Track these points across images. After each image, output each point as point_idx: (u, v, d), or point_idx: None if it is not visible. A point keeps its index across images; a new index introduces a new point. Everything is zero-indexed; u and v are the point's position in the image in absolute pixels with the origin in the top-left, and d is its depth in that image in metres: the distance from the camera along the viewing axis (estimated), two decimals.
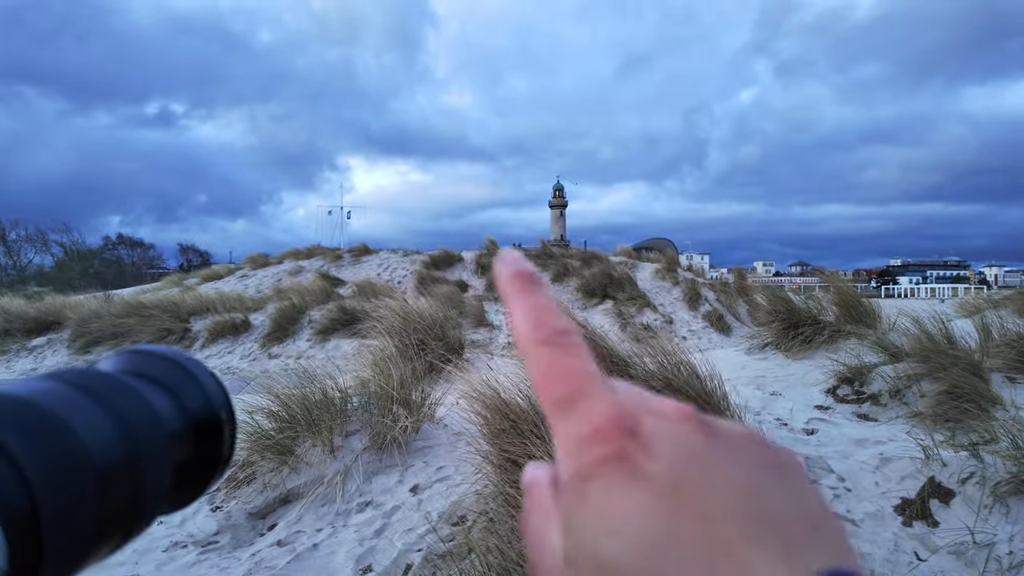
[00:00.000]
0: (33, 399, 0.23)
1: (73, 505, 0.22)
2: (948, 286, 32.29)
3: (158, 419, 0.28)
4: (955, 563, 2.21)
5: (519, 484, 1.85)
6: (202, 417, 0.30)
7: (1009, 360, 3.67)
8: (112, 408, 0.25)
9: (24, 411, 0.22)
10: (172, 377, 0.30)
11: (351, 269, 15.35)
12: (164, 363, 0.30)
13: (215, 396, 0.31)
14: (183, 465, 0.29)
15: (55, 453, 0.22)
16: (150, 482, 0.26)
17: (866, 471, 2.71)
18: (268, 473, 2.64)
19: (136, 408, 0.27)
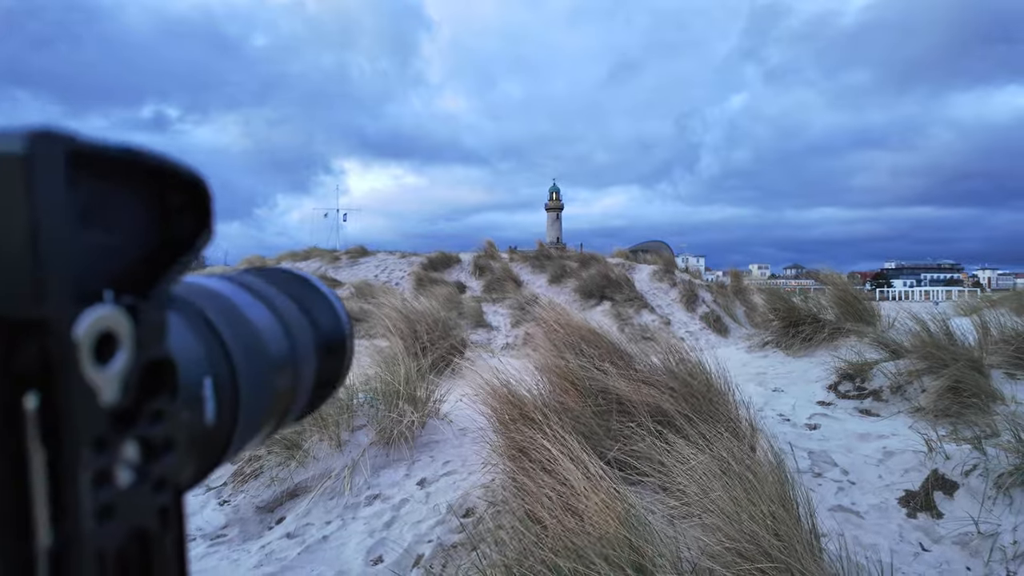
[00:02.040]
0: (222, 292, 0.25)
1: (257, 381, 0.25)
2: (942, 289, 32.45)
3: (304, 330, 0.30)
4: (960, 553, 2.23)
5: (529, 471, 1.86)
6: (331, 335, 0.32)
7: (1008, 356, 3.71)
8: (277, 312, 0.28)
9: (218, 300, 0.25)
10: (309, 297, 0.32)
11: (349, 271, 15.33)
12: (303, 284, 0.33)
13: (342, 319, 0.33)
14: (317, 375, 0.31)
15: (245, 337, 0.24)
16: (302, 379, 0.29)
17: (869, 464, 2.73)
18: (275, 467, 2.65)
19: (293, 317, 0.29)
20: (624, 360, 3.12)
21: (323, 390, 0.33)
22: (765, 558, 1.50)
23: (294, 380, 0.29)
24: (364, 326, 6.42)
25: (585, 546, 1.40)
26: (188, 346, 0.22)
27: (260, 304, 0.28)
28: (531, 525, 1.60)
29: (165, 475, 0.18)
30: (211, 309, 0.24)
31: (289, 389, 0.28)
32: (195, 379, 0.21)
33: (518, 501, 1.83)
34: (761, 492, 1.71)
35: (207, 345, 0.23)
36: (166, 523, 0.18)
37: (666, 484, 2.03)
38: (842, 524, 2.35)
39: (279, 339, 0.28)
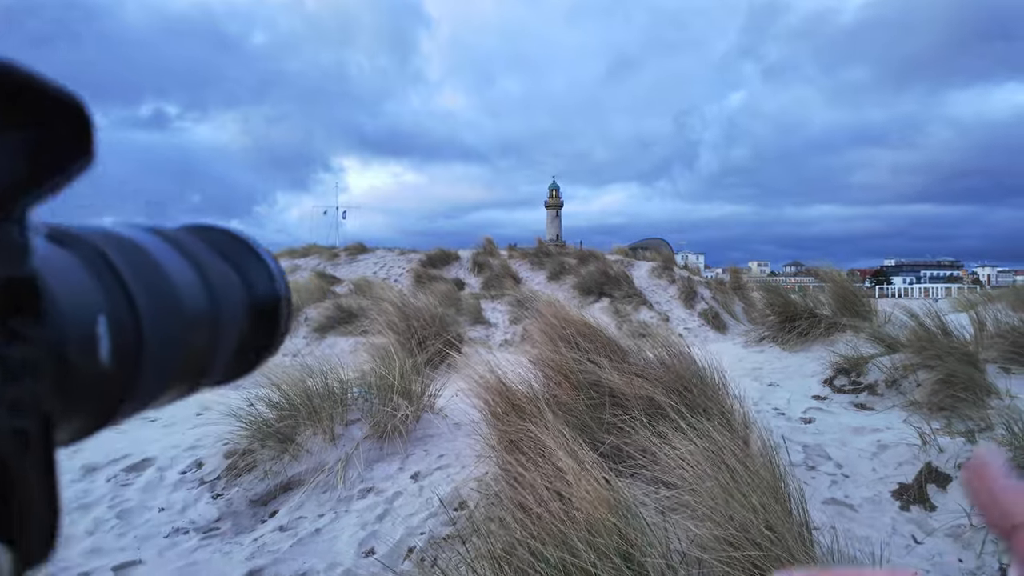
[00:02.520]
0: (136, 240, 0.25)
1: (167, 332, 0.24)
2: (942, 286, 32.46)
3: (233, 289, 0.29)
4: (952, 545, 2.23)
5: (521, 463, 1.86)
6: (264, 298, 0.31)
7: (1004, 351, 3.71)
8: (199, 268, 0.27)
9: (127, 245, 0.24)
10: (243, 257, 0.31)
11: (347, 268, 15.32)
12: (237, 243, 0.32)
13: (277, 280, 0.32)
14: (243, 337, 0.30)
15: (155, 286, 0.24)
16: (223, 340, 0.28)
17: (863, 458, 2.73)
18: (269, 461, 2.64)
19: (218, 274, 0.28)
20: (618, 354, 3.12)
21: (252, 355, 0.32)
22: (755, 548, 1.50)
23: (212, 338, 0.27)
24: (361, 322, 6.41)
25: (573, 535, 1.40)
26: (79, 281, 0.21)
27: (180, 256, 0.27)
28: (521, 515, 1.60)
29: (22, 398, 0.18)
30: (115, 252, 0.23)
31: (206, 347, 0.27)
32: (86, 315, 0.21)
33: (509, 492, 1.83)
34: (753, 484, 1.71)
35: (104, 285, 0.22)
36: (23, 449, 0.18)
37: (658, 476, 2.03)
38: (835, 517, 2.35)
39: (197, 294, 0.27)
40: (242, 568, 1.98)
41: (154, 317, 0.23)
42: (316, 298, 10.60)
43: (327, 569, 1.97)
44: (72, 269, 0.21)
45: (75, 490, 2.54)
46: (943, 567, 2.15)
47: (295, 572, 1.96)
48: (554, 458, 1.75)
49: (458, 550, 1.70)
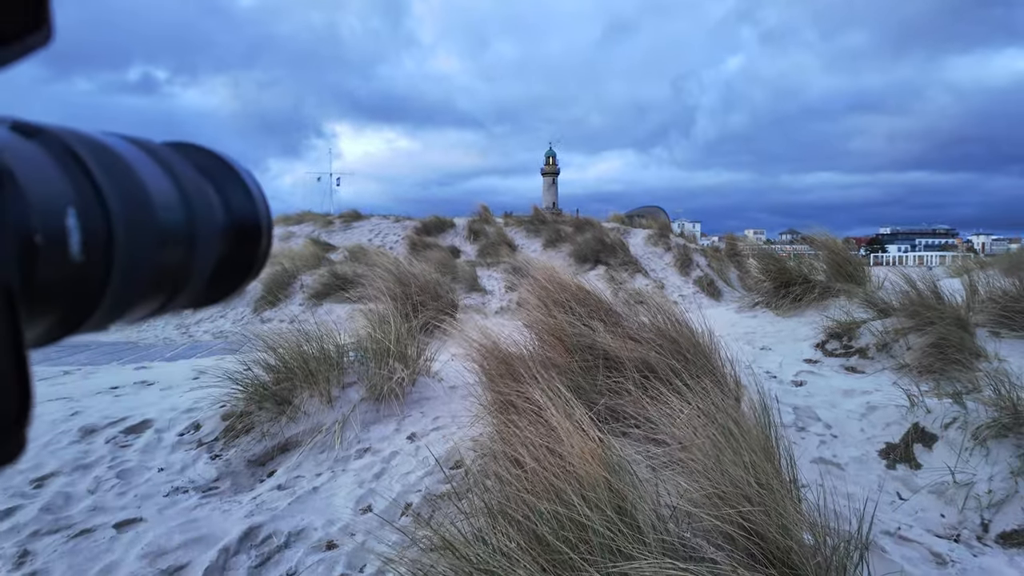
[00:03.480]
0: (109, 144, 0.24)
1: (138, 238, 0.23)
2: (936, 254, 32.58)
3: (212, 207, 0.28)
4: (935, 502, 2.29)
5: (516, 423, 1.89)
6: (245, 220, 0.31)
7: (994, 315, 3.74)
8: (178, 182, 0.26)
9: (99, 147, 0.23)
10: (223, 177, 0.31)
11: (342, 235, 15.23)
12: (218, 162, 0.31)
13: (258, 202, 0.32)
14: (222, 260, 0.30)
15: (127, 188, 0.23)
16: (199, 258, 0.27)
17: (852, 419, 2.78)
18: (266, 423, 2.67)
19: (196, 190, 0.28)
20: (613, 318, 3.13)
21: (230, 277, 0.31)
22: (746, 502, 1.53)
23: (187, 255, 0.27)
24: (357, 289, 6.40)
25: (568, 489, 1.42)
26: (46, 172, 0.20)
27: (156, 166, 0.26)
28: (516, 471, 1.62)
29: None
30: (86, 152, 0.22)
31: (180, 263, 0.27)
32: (54, 205, 0.20)
33: (504, 450, 1.86)
34: (744, 443, 1.74)
35: (73, 179, 0.21)
36: None
37: (651, 435, 2.06)
38: (823, 475, 2.40)
39: (172, 204, 0.26)
40: (242, 525, 2.02)
41: (126, 217, 0.23)
42: (311, 265, 10.57)
43: (325, 525, 2.01)
44: (39, 160, 0.20)
45: (75, 451, 2.56)
46: (926, 522, 2.21)
47: (294, 528, 2.00)
48: (548, 416, 1.77)
49: (456, 504, 1.74)
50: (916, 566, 1.88)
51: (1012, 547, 2.08)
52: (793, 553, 1.45)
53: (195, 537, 1.97)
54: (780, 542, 1.44)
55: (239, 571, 1.83)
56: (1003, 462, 2.35)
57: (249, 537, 1.97)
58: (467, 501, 1.77)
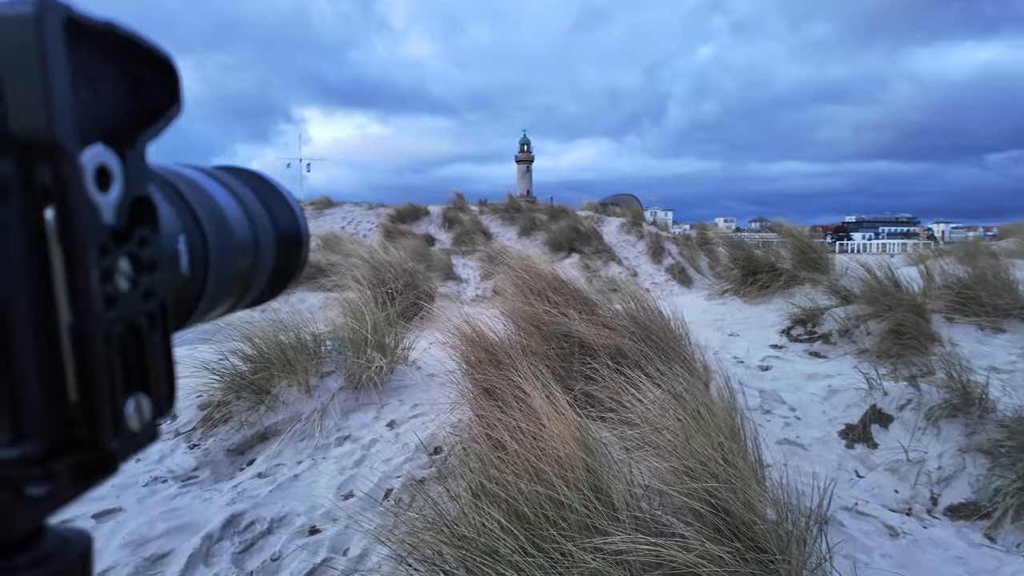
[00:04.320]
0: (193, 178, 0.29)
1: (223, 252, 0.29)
2: (898, 242, 33.63)
3: (265, 222, 0.34)
4: (890, 478, 2.43)
5: (496, 408, 1.94)
6: (289, 231, 0.36)
7: (949, 302, 3.93)
8: (242, 203, 0.32)
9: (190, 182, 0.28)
10: (270, 195, 0.36)
11: (314, 222, 15.04)
12: (264, 183, 0.36)
13: (299, 217, 0.37)
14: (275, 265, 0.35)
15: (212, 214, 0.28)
16: (261, 265, 0.33)
17: (815, 401, 2.91)
18: (244, 412, 2.68)
19: (255, 209, 0.33)
20: (587, 306, 3.21)
21: (281, 279, 0.37)
22: (713, 480, 1.62)
23: (254, 263, 0.32)
24: (332, 277, 6.37)
25: (547, 469, 1.49)
26: (164, 210, 0.25)
27: (226, 192, 0.32)
28: (497, 453, 1.68)
29: (152, 288, 0.22)
30: (184, 187, 0.28)
31: (249, 270, 0.32)
32: (171, 236, 0.25)
33: (484, 433, 1.92)
34: (712, 425, 1.83)
35: (180, 212, 0.27)
36: (153, 325, 0.22)
37: (624, 418, 2.14)
38: (787, 455, 2.53)
39: (242, 222, 0.31)
40: (223, 513, 2.04)
41: (215, 240, 0.28)
42: None
43: (307, 511, 2.05)
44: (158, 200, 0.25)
45: None
46: (881, 498, 2.35)
47: (276, 515, 2.03)
48: (529, 401, 1.83)
49: (440, 485, 1.79)
50: (871, 538, 2.01)
51: (959, 519, 2.23)
52: (756, 527, 1.54)
53: (177, 525, 1.98)
54: (744, 517, 1.53)
55: (223, 557, 1.86)
56: (952, 440, 2.50)
57: (232, 524, 2.00)
58: (450, 483, 1.83)
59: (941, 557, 1.96)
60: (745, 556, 1.49)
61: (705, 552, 1.43)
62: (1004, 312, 3.86)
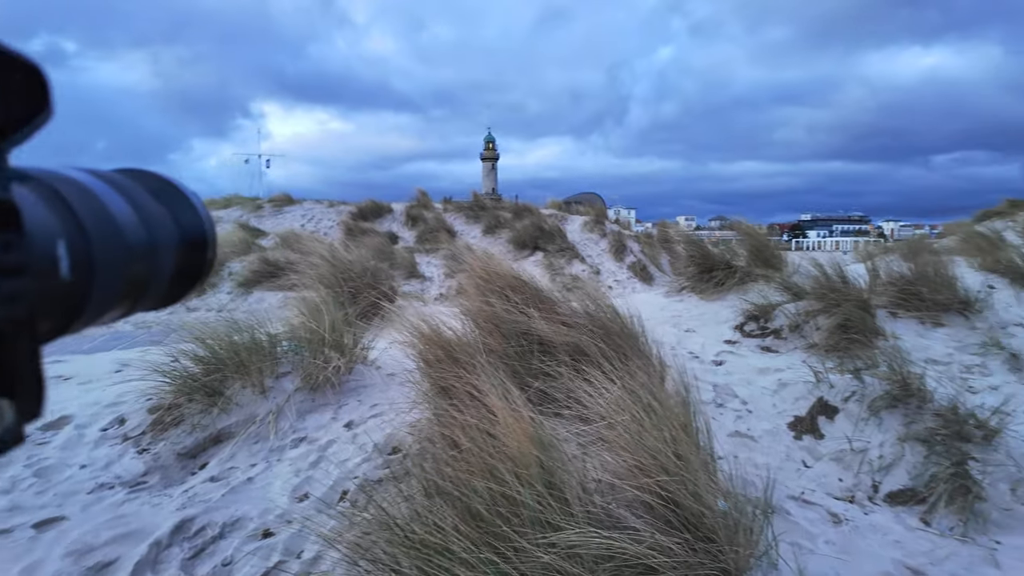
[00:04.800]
0: (78, 179, 0.28)
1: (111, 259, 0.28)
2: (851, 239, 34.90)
3: (165, 225, 0.33)
4: (835, 467, 2.52)
5: (454, 407, 1.95)
6: (193, 233, 0.35)
7: (893, 297, 4.10)
8: (137, 206, 0.31)
9: (73, 184, 0.28)
10: (172, 197, 0.35)
11: (273, 220, 14.72)
12: (167, 185, 0.36)
13: (204, 219, 0.36)
14: (177, 269, 0.35)
15: (100, 219, 0.28)
16: (158, 268, 0.32)
17: (766, 395, 3.00)
18: (196, 414, 2.61)
19: (152, 212, 0.32)
20: (547, 305, 3.23)
21: (185, 281, 0.36)
22: (664, 473, 1.65)
23: (151, 265, 0.32)
24: (291, 276, 6.25)
25: (501, 467, 1.50)
26: (40, 213, 0.25)
27: (116, 193, 0.31)
28: (453, 452, 1.69)
29: (16, 293, 0.22)
30: (66, 189, 0.27)
31: (145, 272, 0.32)
32: (48, 239, 0.25)
33: (441, 433, 1.92)
34: (666, 420, 1.87)
35: (59, 215, 0.26)
36: (19, 330, 0.22)
37: (581, 415, 2.17)
38: (738, 447, 2.60)
39: (134, 224, 0.31)
40: (173, 518, 1.99)
41: (101, 242, 0.27)
42: (240, 251, 10.19)
43: (261, 514, 2.01)
44: (34, 203, 0.25)
45: None
46: (826, 486, 2.44)
47: (228, 519, 1.99)
48: (485, 399, 1.84)
49: (395, 486, 1.78)
50: (815, 526, 2.09)
51: (898, 505, 2.34)
52: (705, 518, 1.58)
53: (124, 533, 1.92)
54: (694, 508, 1.57)
55: (172, 564, 1.81)
56: (892, 430, 2.61)
57: (181, 530, 1.95)
58: (405, 484, 1.82)
59: (880, 542, 2.05)
60: (694, 546, 1.53)
61: (656, 544, 1.46)
62: (944, 307, 4.05)
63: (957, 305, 4.06)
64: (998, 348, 3.54)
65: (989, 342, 3.62)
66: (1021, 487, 2.30)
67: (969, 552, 2.04)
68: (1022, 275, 4.94)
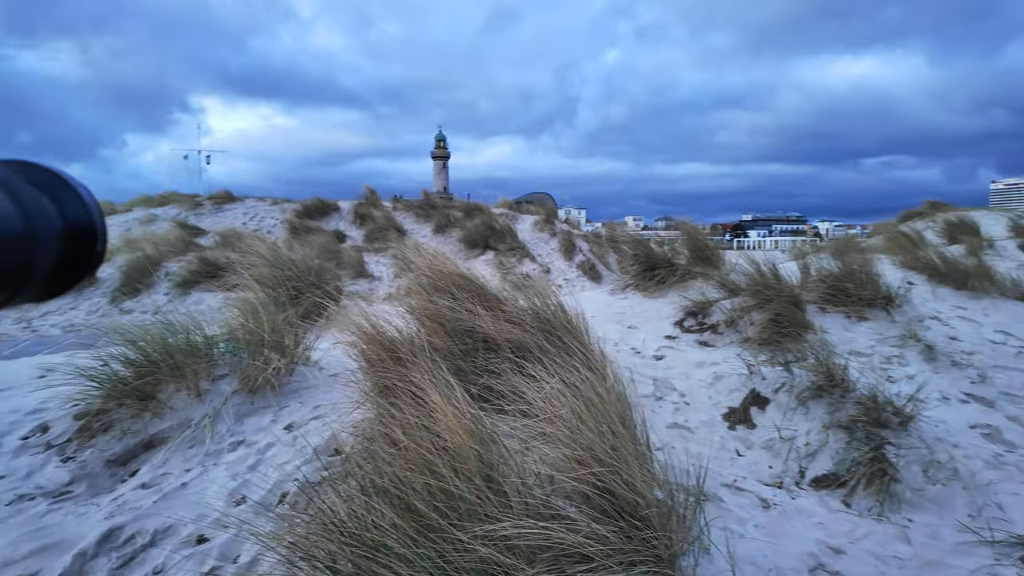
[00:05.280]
0: None
1: None
2: (789, 239, 36.49)
3: (48, 215, 0.33)
4: (766, 455, 2.65)
5: (395, 405, 1.94)
6: (80, 224, 0.35)
7: (822, 293, 4.32)
8: (14, 195, 0.31)
9: None
10: (58, 188, 0.35)
11: (213, 218, 14.20)
12: (51, 176, 0.35)
13: (92, 209, 0.36)
14: (61, 260, 0.34)
15: None
16: (39, 259, 0.32)
17: (702, 387, 3.12)
18: (127, 420, 2.51)
19: (33, 202, 0.32)
20: (494, 303, 3.26)
21: (71, 273, 0.36)
22: (600, 464, 1.70)
23: (29, 255, 0.32)
24: (231, 276, 6.06)
25: (440, 463, 1.51)
26: None
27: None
28: (392, 450, 1.69)
29: None
30: None
31: (21, 262, 0.31)
32: None
33: (382, 432, 1.91)
34: (605, 413, 1.92)
35: None
36: None
37: (524, 410, 2.20)
38: (676, 438, 2.70)
39: (10, 217, 0.30)
40: (101, 527, 1.91)
41: None
42: (178, 251, 9.79)
43: (195, 520, 1.95)
44: None
45: None
46: (757, 474, 2.56)
47: (160, 526, 1.93)
48: (424, 396, 1.85)
49: (333, 488, 1.77)
50: (746, 511, 2.19)
51: (822, 489, 2.47)
52: (640, 507, 1.64)
53: (46, 544, 1.84)
54: (628, 497, 1.63)
55: (98, 574, 1.74)
56: (818, 418, 2.76)
57: (109, 539, 1.88)
58: (344, 483, 1.81)
59: (805, 524, 2.17)
60: (629, 534, 1.59)
61: (592, 532, 1.51)
62: (868, 302, 4.30)
63: (880, 300, 4.32)
64: (915, 340, 3.79)
65: (907, 334, 3.87)
66: (932, 468, 2.48)
67: (884, 530, 2.18)
68: (939, 272, 5.30)
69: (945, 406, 3.06)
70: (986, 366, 3.56)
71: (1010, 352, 3.83)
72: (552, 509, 1.61)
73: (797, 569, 1.87)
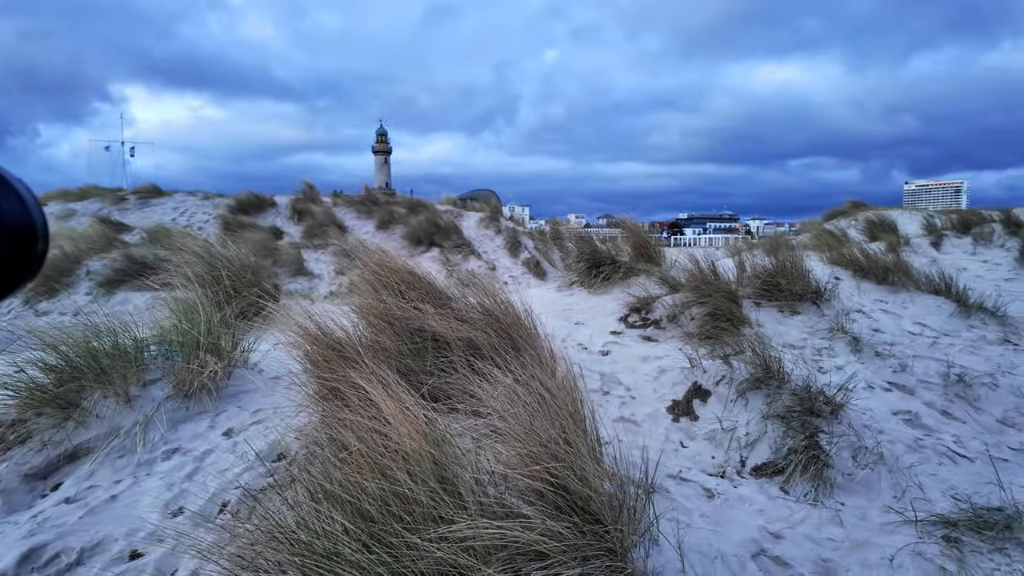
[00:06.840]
0: None
1: None
2: (723, 236, 37.99)
3: None
4: (708, 446, 2.74)
5: (343, 409, 1.89)
6: (17, 223, 0.32)
7: (757, 289, 4.51)
8: None
9: None
10: None
11: (138, 213, 13.42)
12: None
13: (31, 208, 0.33)
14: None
15: None
16: None
17: (647, 381, 3.20)
18: (47, 430, 2.33)
19: None
20: (443, 301, 3.22)
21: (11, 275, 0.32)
22: (553, 460, 1.71)
23: None
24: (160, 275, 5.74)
25: (392, 466, 1.48)
26: None
27: None
28: (341, 454, 1.64)
29: None
30: None
31: None
32: None
33: (330, 436, 1.86)
34: (555, 409, 1.93)
35: None
36: None
37: (475, 409, 2.19)
38: (623, 432, 2.75)
39: None
40: (19, 547, 1.77)
41: None
42: (100, 248, 9.20)
43: (127, 535, 1.84)
44: None
45: None
46: (701, 464, 2.64)
47: (88, 543, 1.80)
48: (375, 400, 1.80)
49: (279, 495, 1.70)
50: (691, 501, 2.26)
51: (762, 477, 2.58)
52: (592, 501, 1.66)
53: None
54: (581, 492, 1.65)
55: None
56: (756, 409, 2.88)
57: (30, 559, 1.74)
58: (290, 490, 1.75)
59: (746, 511, 2.26)
60: (583, 529, 1.60)
61: (546, 530, 1.51)
62: (799, 297, 4.52)
63: (810, 295, 4.55)
64: (842, 332, 4.02)
65: (835, 327, 4.09)
66: (860, 454, 2.63)
67: (819, 515, 2.30)
68: (862, 268, 5.64)
69: (870, 394, 3.26)
70: (906, 356, 3.81)
71: (926, 342, 4.12)
72: (507, 508, 1.61)
73: (740, 555, 1.95)
